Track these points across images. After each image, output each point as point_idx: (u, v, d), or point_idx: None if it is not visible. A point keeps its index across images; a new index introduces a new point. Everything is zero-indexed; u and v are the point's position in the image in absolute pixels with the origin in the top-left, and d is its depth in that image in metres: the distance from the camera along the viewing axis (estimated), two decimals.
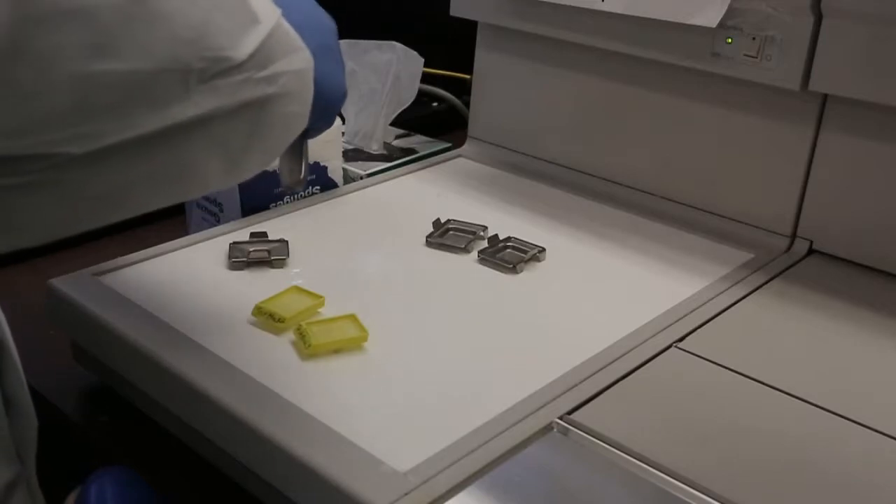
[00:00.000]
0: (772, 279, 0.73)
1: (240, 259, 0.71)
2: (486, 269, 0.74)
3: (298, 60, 0.44)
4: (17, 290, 0.81)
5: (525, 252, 0.75)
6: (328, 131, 0.86)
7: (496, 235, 0.77)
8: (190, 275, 0.70)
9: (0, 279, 0.83)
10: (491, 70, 0.98)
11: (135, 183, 0.39)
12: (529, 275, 0.73)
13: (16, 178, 0.34)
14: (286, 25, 0.43)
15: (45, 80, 0.33)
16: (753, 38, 0.74)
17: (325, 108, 0.51)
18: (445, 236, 0.78)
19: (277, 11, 0.43)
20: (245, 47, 0.40)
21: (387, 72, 0.97)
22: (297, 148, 0.56)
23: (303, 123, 0.46)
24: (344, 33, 0.98)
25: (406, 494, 0.48)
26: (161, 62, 0.36)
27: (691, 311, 0.67)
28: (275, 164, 0.59)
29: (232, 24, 0.40)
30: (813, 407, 0.57)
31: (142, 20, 0.35)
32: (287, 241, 0.74)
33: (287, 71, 0.43)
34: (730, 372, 0.60)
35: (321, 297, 0.65)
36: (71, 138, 0.35)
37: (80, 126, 0.35)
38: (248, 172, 0.45)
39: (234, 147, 0.42)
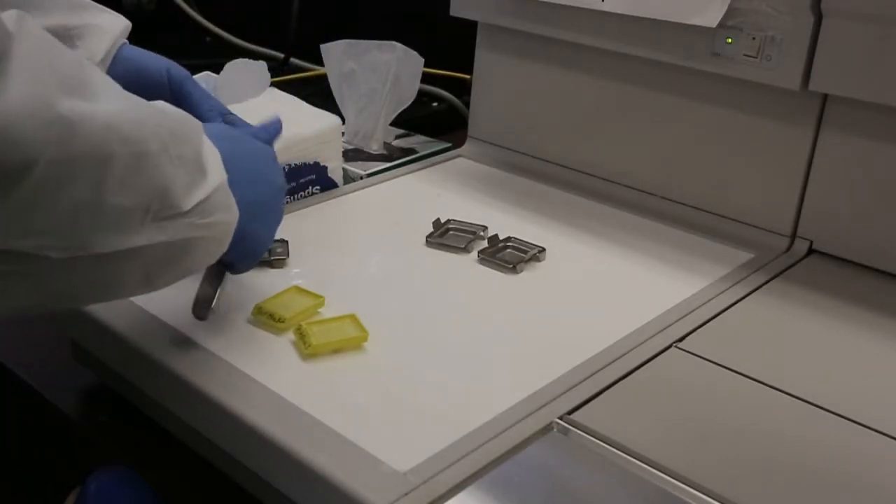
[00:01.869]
0: (772, 279, 0.73)
1: None
2: (486, 269, 0.74)
3: (229, 215, 0.54)
4: None
5: (525, 252, 0.75)
6: (328, 131, 0.87)
7: (496, 235, 0.77)
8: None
9: None
10: (491, 70, 0.98)
11: (78, 286, 0.47)
12: (529, 275, 0.73)
13: (6, 266, 0.43)
14: (226, 188, 0.53)
15: (60, 201, 0.42)
16: (753, 38, 0.74)
17: (248, 255, 0.61)
18: (445, 236, 0.78)
19: (223, 176, 0.53)
20: (193, 199, 0.50)
21: (387, 72, 0.97)
22: (217, 282, 0.63)
23: (212, 261, 0.55)
24: (344, 33, 0.99)
25: (406, 494, 0.48)
26: (135, 201, 0.46)
27: (691, 311, 0.67)
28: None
29: (187, 179, 0.49)
30: (813, 407, 0.57)
31: (137, 169, 0.46)
32: (287, 241, 0.74)
33: (220, 222, 0.53)
34: (730, 372, 0.60)
35: (321, 297, 0.65)
36: (56, 247, 0.43)
37: (66, 239, 0.44)
38: (155, 289, 0.53)
39: (155, 269, 0.51)
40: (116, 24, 0.71)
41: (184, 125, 0.51)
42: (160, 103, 0.52)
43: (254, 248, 0.61)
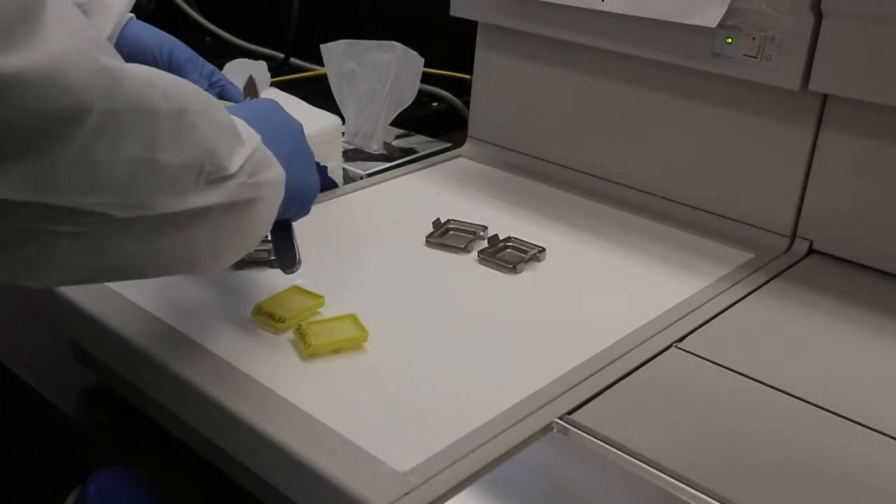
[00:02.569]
0: (772, 279, 0.73)
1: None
2: (486, 269, 0.74)
3: (274, 174, 0.55)
4: (18, 290, 0.81)
5: (525, 252, 0.75)
6: (328, 131, 0.87)
7: (496, 235, 0.77)
8: (190, 275, 0.70)
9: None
10: (491, 70, 0.98)
11: (146, 253, 0.48)
12: (529, 275, 0.73)
13: (70, 227, 0.43)
14: (263, 147, 0.55)
15: (114, 156, 0.43)
16: (753, 38, 0.74)
17: (303, 202, 0.63)
18: (445, 236, 0.78)
19: (257, 137, 0.54)
20: (237, 161, 0.51)
21: (387, 72, 0.97)
22: (288, 237, 0.65)
23: (270, 224, 0.57)
24: (345, 33, 0.99)
25: (406, 494, 0.48)
26: (186, 160, 0.47)
27: (691, 311, 0.67)
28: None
29: (228, 143, 0.51)
30: (813, 407, 0.57)
31: (182, 126, 0.47)
32: None
33: (266, 181, 0.54)
34: (730, 372, 0.60)
35: (321, 297, 0.65)
36: (118, 204, 0.44)
37: (127, 196, 0.45)
38: (225, 264, 0.55)
39: (221, 239, 0.52)
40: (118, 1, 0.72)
41: (209, 95, 0.52)
42: None
43: (306, 192, 0.63)
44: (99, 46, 0.43)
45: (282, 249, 0.65)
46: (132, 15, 0.75)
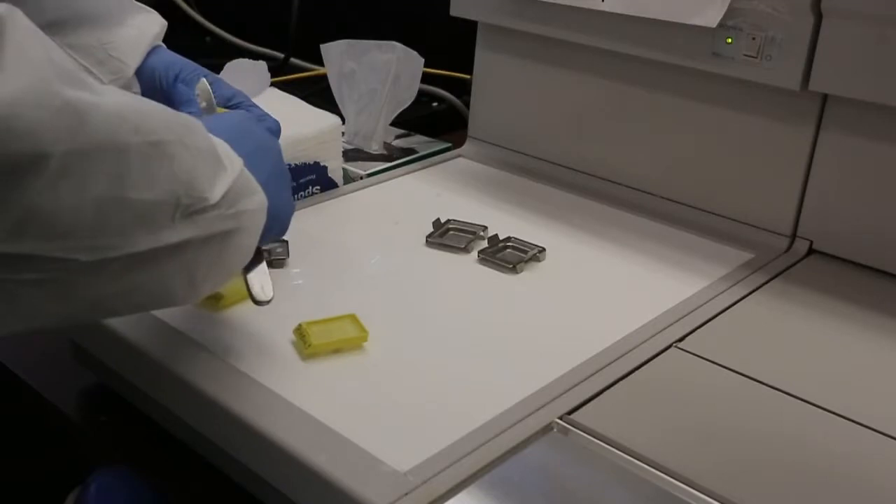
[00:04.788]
0: (772, 279, 0.73)
1: None
2: (486, 269, 0.74)
3: (256, 202, 0.52)
4: None
5: (525, 252, 0.75)
6: (328, 131, 0.87)
7: (496, 235, 0.77)
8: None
9: None
10: (491, 70, 0.98)
11: (117, 293, 0.46)
12: (529, 275, 0.73)
13: (33, 275, 0.41)
14: (246, 172, 0.52)
15: (79, 199, 0.40)
16: (753, 38, 0.74)
17: (280, 228, 0.60)
18: (445, 236, 0.78)
19: (240, 162, 0.51)
20: (219, 189, 0.48)
21: (387, 72, 0.97)
22: (262, 267, 0.61)
23: (250, 253, 0.54)
24: (345, 33, 0.99)
25: (406, 494, 0.48)
26: (160, 195, 0.44)
27: (691, 311, 0.67)
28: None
29: (209, 171, 0.48)
30: (813, 407, 0.57)
31: (156, 159, 0.44)
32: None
33: (247, 210, 0.51)
34: (730, 372, 0.60)
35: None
36: (84, 248, 0.41)
37: (94, 239, 0.42)
38: (202, 295, 0.52)
39: (198, 273, 0.49)
40: (149, 29, 0.71)
41: (188, 118, 0.49)
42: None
43: (282, 219, 0.59)
44: (64, 78, 0.40)
45: (258, 280, 0.60)
46: (161, 44, 0.72)
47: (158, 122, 0.45)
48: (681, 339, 0.64)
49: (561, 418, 0.54)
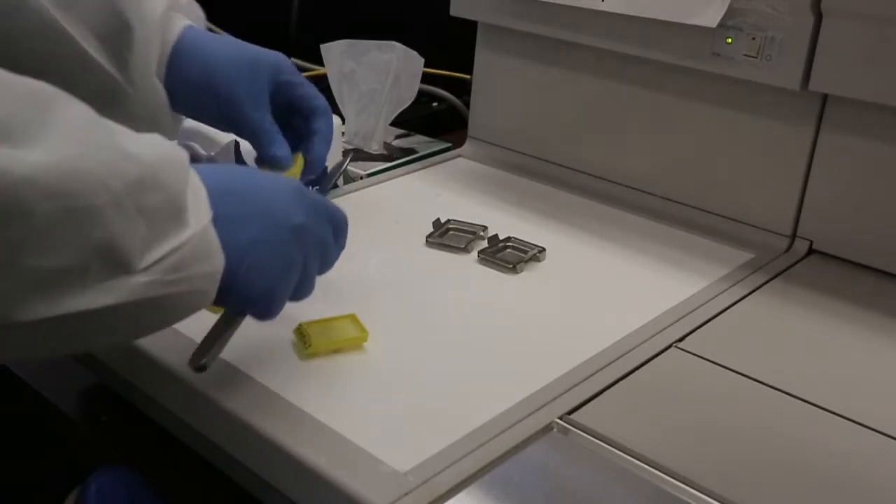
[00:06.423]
0: (772, 279, 0.73)
1: None
2: (486, 269, 0.74)
3: (209, 265, 0.47)
4: None
5: (525, 252, 0.75)
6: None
7: (496, 235, 0.77)
8: None
9: None
10: (491, 70, 0.98)
11: (37, 351, 0.43)
12: (529, 275, 0.73)
13: None
14: (211, 232, 0.46)
15: None
16: (753, 38, 0.74)
17: (250, 300, 0.52)
18: (445, 236, 0.78)
19: (206, 219, 0.46)
20: (154, 255, 0.43)
21: (387, 72, 0.97)
22: (223, 329, 0.54)
23: (194, 312, 0.48)
24: (345, 33, 0.99)
25: (406, 494, 0.48)
26: (65, 262, 0.40)
27: (691, 311, 0.67)
28: None
29: (149, 233, 0.43)
30: (813, 407, 0.57)
31: (66, 226, 0.39)
32: None
33: (197, 274, 0.45)
34: (730, 372, 0.60)
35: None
36: None
37: None
38: (133, 340, 0.50)
39: (123, 330, 0.45)
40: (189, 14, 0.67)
41: (159, 169, 0.44)
42: (152, 137, 0.46)
43: (254, 291, 0.51)
44: None
45: (208, 341, 0.53)
46: (184, 28, 0.66)
47: (94, 181, 0.40)
48: (681, 339, 0.64)
49: (561, 418, 0.54)
